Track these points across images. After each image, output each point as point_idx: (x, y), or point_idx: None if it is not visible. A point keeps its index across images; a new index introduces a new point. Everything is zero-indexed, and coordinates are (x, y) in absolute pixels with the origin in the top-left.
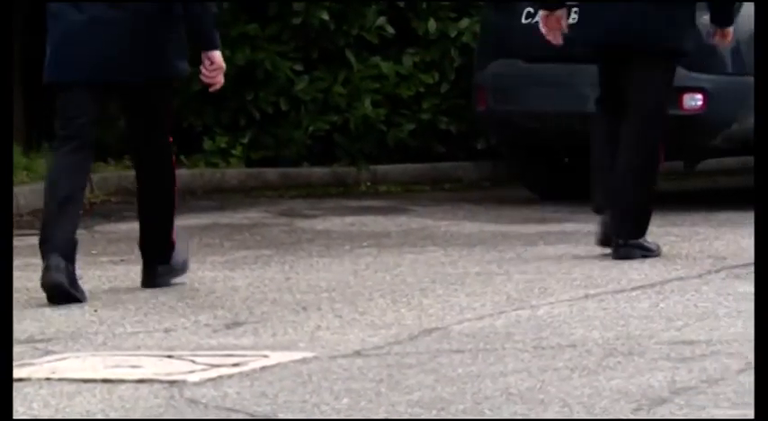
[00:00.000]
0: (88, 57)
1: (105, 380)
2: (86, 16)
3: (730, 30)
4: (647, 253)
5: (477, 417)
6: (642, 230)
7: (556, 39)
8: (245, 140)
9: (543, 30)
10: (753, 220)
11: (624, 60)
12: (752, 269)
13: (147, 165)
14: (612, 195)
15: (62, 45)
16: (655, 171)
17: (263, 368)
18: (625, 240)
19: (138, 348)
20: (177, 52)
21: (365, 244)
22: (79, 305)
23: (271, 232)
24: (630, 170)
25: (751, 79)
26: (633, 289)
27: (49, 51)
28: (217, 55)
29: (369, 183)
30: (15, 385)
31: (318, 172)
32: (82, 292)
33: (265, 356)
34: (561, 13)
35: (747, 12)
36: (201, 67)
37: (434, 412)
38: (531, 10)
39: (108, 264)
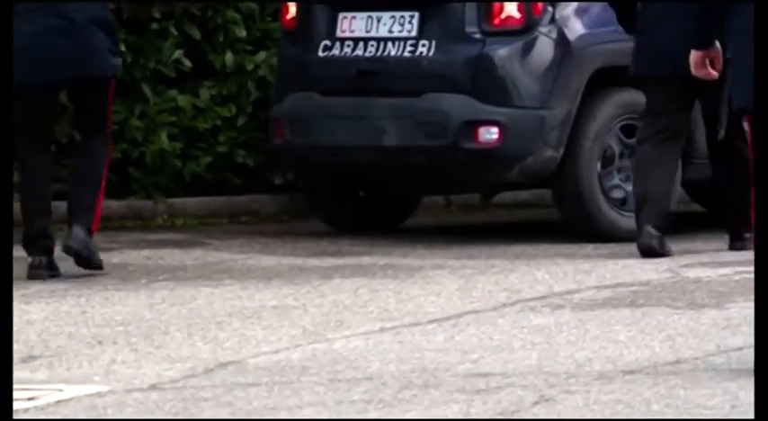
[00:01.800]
0: (43, 62)
1: None
2: (35, 27)
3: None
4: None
5: None
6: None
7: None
8: None
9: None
10: (547, 253)
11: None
12: (546, 301)
13: (89, 152)
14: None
15: (17, 54)
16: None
17: (58, 402)
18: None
19: None
20: (111, 51)
21: (161, 277)
22: None
23: (66, 265)
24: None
25: (545, 112)
26: (429, 322)
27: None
28: None
29: (165, 217)
30: None
31: (114, 205)
32: None
33: (60, 390)
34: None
35: (542, 44)
36: None
37: None
38: (328, 43)
39: None
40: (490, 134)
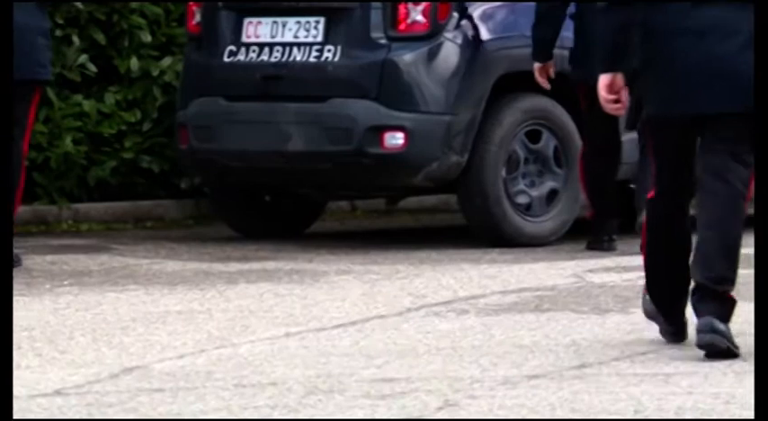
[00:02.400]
0: None
1: None
2: None
3: None
4: None
5: None
6: None
7: (546, 84)
8: None
9: (539, 79)
10: (452, 258)
11: None
12: (451, 306)
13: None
14: None
15: None
16: None
17: None
18: None
19: None
20: (45, 59)
21: (66, 282)
22: None
23: None
24: None
25: (450, 118)
26: (334, 327)
27: None
28: None
29: (70, 222)
30: None
31: (19, 210)
32: None
33: None
34: (551, 63)
35: (447, 50)
36: None
37: None
38: (234, 48)
39: None
40: (395, 139)
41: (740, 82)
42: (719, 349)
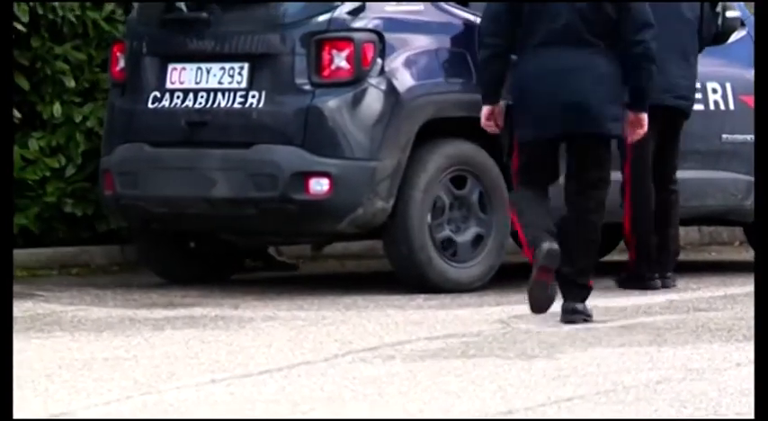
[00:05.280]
0: None
1: None
2: None
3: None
4: None
5: None
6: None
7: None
8: None
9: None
10: (378, 304)
11: None
12: (377, 352)
13: None
14: None
15: None
16: None
17: None
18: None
19: None
20: None
21: None
22: None
23: None
24: None
25: (375, 164)
26: (260, 373)
27: None
28: None
29: None
30: None
31: None
32: None
33: None
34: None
35: (372, 96)
36: None
37: None
38: (158, 94)
39: None
40: (320, 185)
41: (590, 110)
42: (578, 323)
